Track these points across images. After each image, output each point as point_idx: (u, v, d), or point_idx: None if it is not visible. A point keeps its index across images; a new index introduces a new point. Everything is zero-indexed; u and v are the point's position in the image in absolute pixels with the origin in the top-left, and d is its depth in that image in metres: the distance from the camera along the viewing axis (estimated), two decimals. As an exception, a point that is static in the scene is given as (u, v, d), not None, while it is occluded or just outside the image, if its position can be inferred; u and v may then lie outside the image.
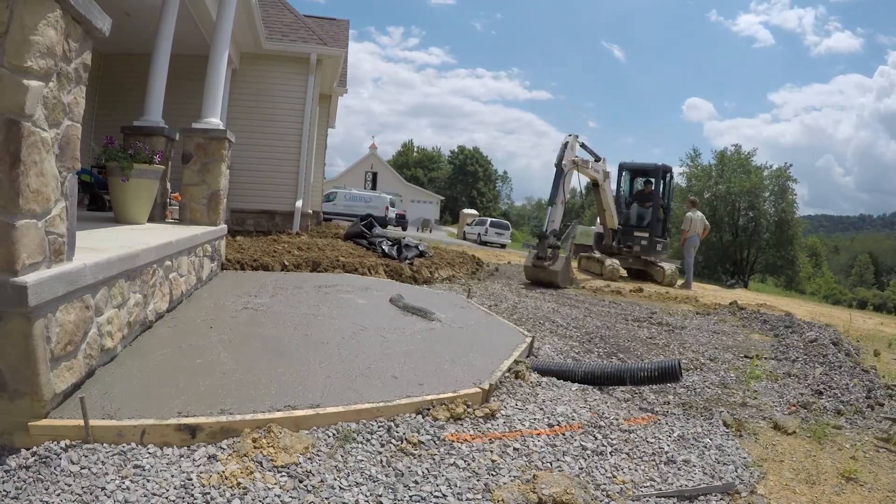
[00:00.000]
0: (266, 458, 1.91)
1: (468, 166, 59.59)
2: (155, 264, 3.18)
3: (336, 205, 24.52)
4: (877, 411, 3.50)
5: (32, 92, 1.75)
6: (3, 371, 1.83)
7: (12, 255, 1.75)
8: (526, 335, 4.02)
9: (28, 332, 1.81)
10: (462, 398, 2.57)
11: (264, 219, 9.19)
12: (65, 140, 2.02)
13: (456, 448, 2.19)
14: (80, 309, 2.17)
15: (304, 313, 3.92)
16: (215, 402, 2.20)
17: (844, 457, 2.71)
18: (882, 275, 45.03)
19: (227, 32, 5.87)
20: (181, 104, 6.60)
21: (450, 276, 7.94)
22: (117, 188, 4.36)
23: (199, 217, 5.21)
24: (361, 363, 2.90)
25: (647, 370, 3.24)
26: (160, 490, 1.70)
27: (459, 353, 3.32)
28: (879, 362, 5.15)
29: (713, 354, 4.82)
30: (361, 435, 2.19)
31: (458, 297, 5.73)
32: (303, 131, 9.18)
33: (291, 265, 6.24)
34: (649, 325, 6.00)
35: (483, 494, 1.90)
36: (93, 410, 1.97)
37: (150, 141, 4.92)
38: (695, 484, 2.18)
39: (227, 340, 3.06)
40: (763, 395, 3.74)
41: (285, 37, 8.99)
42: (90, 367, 2.28)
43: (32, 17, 1.73)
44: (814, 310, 10.23)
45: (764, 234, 32.14)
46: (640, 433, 2.63)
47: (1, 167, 1.71)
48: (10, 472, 1.69)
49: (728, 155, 33.81)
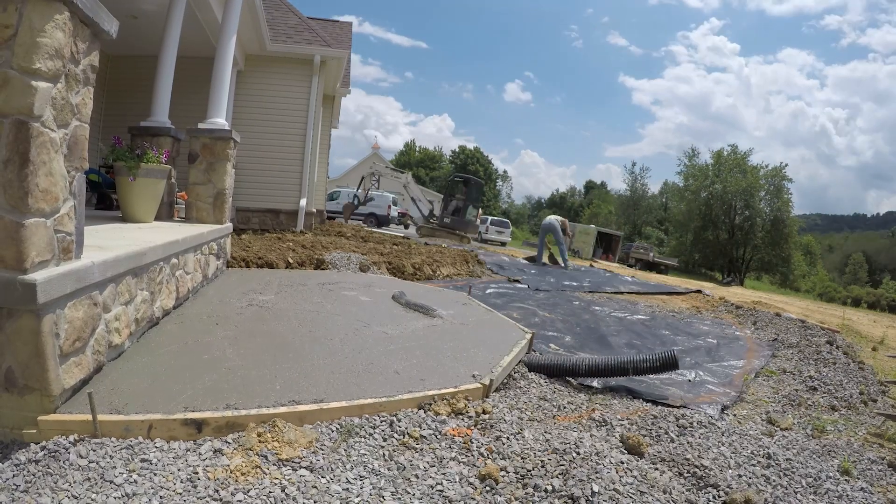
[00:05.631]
0: (271, 452, 1.94)
1: (469, 166, 59.70)
2: (162, 262, 3.23)
3: (339, 204, 24.61)
4: (870, 407, 3.51)
5: (41, 93, 1.79)
6: (13, 367, 1.86)
7: (22, 254, 1.78)
8: (526, 332, 4.04)
9: (37, 329, 1.84)
10: (463, 393, 2.59)
11: (269, 217, 9.25)
12: (73, 140, 2.06)
13: (457, 442, 2.22)
14: (89, 306, 2.21)
15: (307, 310, 3.96)
16: (221, 397, 2.23)
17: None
18: (875, 273, 44.93)
19: (233, 35, 5.93)
20: (187, 105, 6.67)
21: (451, 273, 7.97)
22: (125, 187, 4.42)
23: (204, 216, 5.26)
24: (364, 359, 2.93)
25: (649, 361, 3.34)
26: (167, 483, 1.73)
27: (460, 349, 3.34)
28: (874, 359, 5.13)
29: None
30: (364, 429, 2.22)
31: (459, 294, 5.75)
32: (307, 131, 9.24)
33: (296, 263, 6.29)
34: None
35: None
36: (101, 405, 2.00)
37: (157, 141, 4.98)
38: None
39: (232, 337, 3.10)
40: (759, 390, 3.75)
41: (289, 38, 9.04)
42: (98, 362, 2.32)
43: (41, 20, 1.77)
44: (808, 307, 10.18)
45: (759, 232, 32.32)
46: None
47: (10, 167, 1.75)
48: (19, 465, 1.72)
49: (725, 154, 33.93)
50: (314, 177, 9.92)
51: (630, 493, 1.88)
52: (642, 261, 29.17)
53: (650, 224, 49.21)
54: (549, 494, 1.85)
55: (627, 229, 44.56)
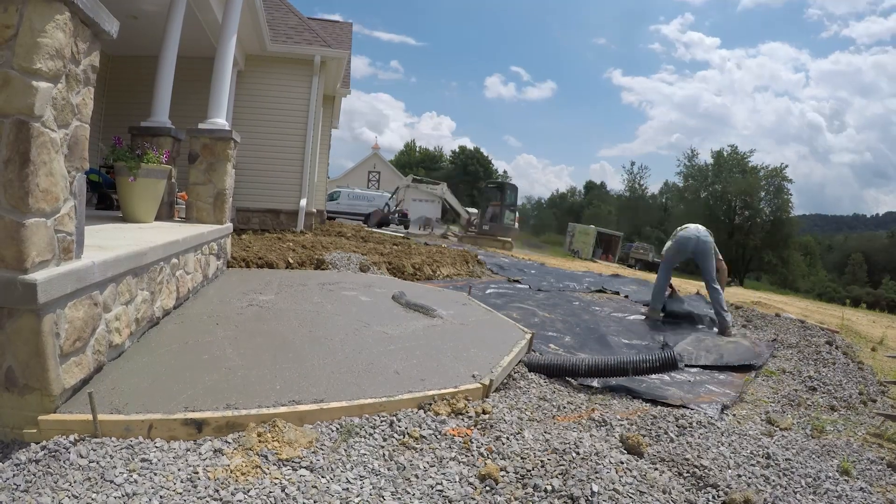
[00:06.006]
0: (271, 452, 1.94)
1: (469, 166, 59.73)
2: (162, 262, 3.23)
3: (339, 204, 24.67)
4: (869, 407, 3.52)
5: (42, 93, 1.79)
6: (13, 367, 1.87)
7: (22, 253, 1.79)
8: (525, 332, 4.04)
9: (37, 329, 1.85)
10: (463, 393, 2.60)
11: (269, 217, 9.26)
12: (73, 140, 2.06)
13: (457, 442, 2.22)
14: (89, 306, 2.21)
15: (308, 310, 3.96)
16: (221, 397, 2.23)
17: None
18: (875, 273, 44.98)
19: (233, 35, 5.93)
20: (188, 105, 6.68)
21: (451, 274, 7.98)
22: (125, 187, 4.42)
23: (205, 216, 5.26)
24: (364, 359, 2.93)
25: (649, 361, 3.34)
26: (167, 483, 1.73)
27: (460, 349, 3.34)
28: (874, 359, 5.13)
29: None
30: (364, 429, 2.22)
31: (459, 294, 5.75)
32: (307, 132, 9.25)
33: (296, 263, 6.29)
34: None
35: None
36: (101, 405, 2.01)
37: (158, 141, 4.99)
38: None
39: (232, 337, 3.10)
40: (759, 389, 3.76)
41: (290, 39, 9.05)
42: (98, 362, 2.33)
43: (41, 20, 1.77)
44: (807, 307, 10.19)
45: (759, 233, 32.50)
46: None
47: (11, 167, 1.75)
48: (20, 465, 1.72)
49: (725, 155, 34.04)
50: (314, 177, 9.93)
51: (630, 492, 1.88)
52: (642, 261, 29.20)
53: (650, 224, 49.24)
54: (549, 494, 1.86)
55: (627, 230, 44.62)
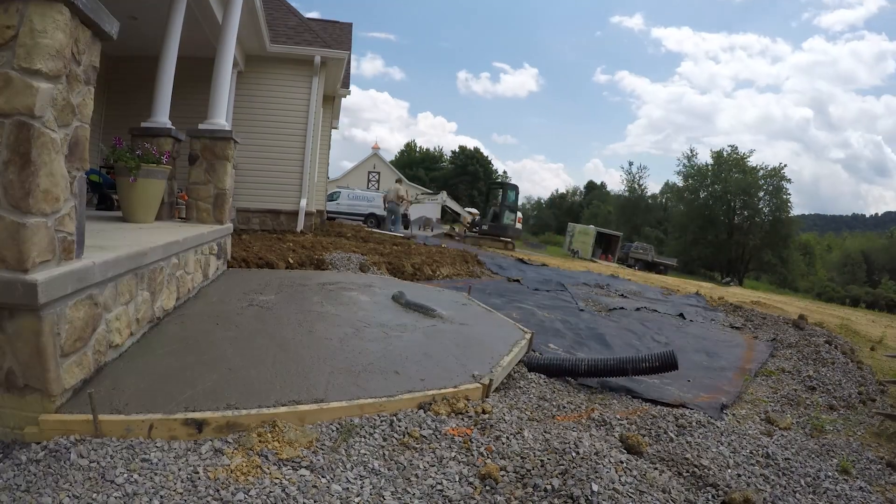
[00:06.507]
0: (271, 452, 1.95)
1: (469, 166, 59.74)
2: (162, 262, 3.23)
3: (339, 204, 24.64)
4: (869, 406, 3.52)
5: (42, 94, 1.79)
6: (13, 367, 1.87)
7: (23, 254, 1.79)
8: (525, 332, 4.04)
9: (38, 329, 1.85)
10: (463, 393, 2.60)
11: (269, 218, 9.26)
12: (74, 141, 2.06)
13: (457, 442, 2.22)
14: (89, 306, 2.21)
15: (308, 310, 3.96)
16: (221, 397, 2.24)
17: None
18: (874, 273, 44.98)
19: (233, 36, 5.93)
20: (188, 106, 6.68)
21: (450, 274, 7.98)
22: (125, 188, 4.42)
23: (205, 216, 5.26)
24: (364, 359, 2.94)
25: (648, 361, 3.35)
26: (167, 483, 1.73)
27: (460, 349, 3.34)
28: (873, 359, 5.14)
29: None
30: (364, 429, 2.22)
31: (458, 294, 5.75)
32: (307, 132, 9.24)
33: (296, 263, 6.29)
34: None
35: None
36: (101, 405, 2.01)
37: (158, 142, 4.99)
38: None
39: (232, 337, 3.10)
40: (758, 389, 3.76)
41: (290, 39, 9.05)
42: (99, 362, 2.33)
43: (42, 21, 1.77)
44: (807, 307, 10.19)
45: (759, 232, 32.62)
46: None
47: (12, 167, 1.76)
48: (20, 465, 1.73)
49: (724, 155, 34.13)
50: (314, 177, 9.92)
51: (629, 492, 1.89)
52: (642, 261, 29.23)
53: (649, 224, 49.26)
54: (549, 494, 1.86)
55: (627, 230, 44.65)
